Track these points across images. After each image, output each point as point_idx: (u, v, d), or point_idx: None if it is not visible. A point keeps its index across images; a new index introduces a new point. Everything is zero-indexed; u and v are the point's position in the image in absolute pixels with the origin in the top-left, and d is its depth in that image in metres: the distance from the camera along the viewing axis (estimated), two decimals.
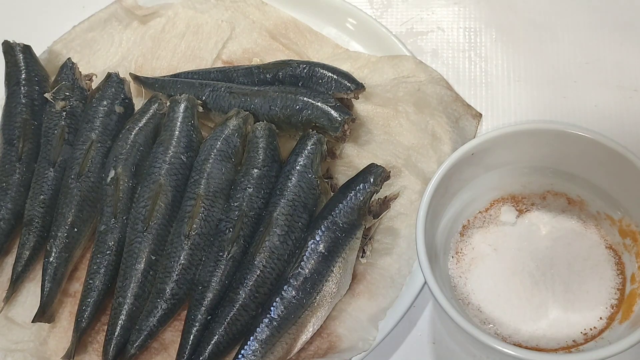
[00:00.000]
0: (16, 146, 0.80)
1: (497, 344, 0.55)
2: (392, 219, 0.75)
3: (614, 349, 0.53)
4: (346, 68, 0.83)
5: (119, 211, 0.75)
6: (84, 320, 0.71)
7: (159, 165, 0.76)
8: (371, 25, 0.88)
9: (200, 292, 0.70)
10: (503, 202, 0.70)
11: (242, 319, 0.68)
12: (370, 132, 0.81)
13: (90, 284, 0.73)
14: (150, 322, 0.70)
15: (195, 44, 0.91)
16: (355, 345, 0.68)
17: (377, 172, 0.72)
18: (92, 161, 0.78)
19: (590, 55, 0.86)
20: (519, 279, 0.65)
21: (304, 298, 0.67)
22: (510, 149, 0.66)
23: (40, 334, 0.73)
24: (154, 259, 0.72)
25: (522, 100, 0.84)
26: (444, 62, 0.88)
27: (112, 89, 0.83)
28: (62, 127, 0.81)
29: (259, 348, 0.66)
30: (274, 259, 0.69)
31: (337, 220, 0.69)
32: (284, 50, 0.89)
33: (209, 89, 0.82)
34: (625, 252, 0.65)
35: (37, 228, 0.76)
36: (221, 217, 0.73)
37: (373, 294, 0.71)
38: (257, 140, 0.76)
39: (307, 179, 0.73)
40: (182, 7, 0.93)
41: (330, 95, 0.78)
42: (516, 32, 0.89)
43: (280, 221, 0.71)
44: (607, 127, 0.80)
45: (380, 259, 0.73)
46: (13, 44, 0.87)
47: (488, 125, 0.83)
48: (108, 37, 0.92)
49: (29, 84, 0.84)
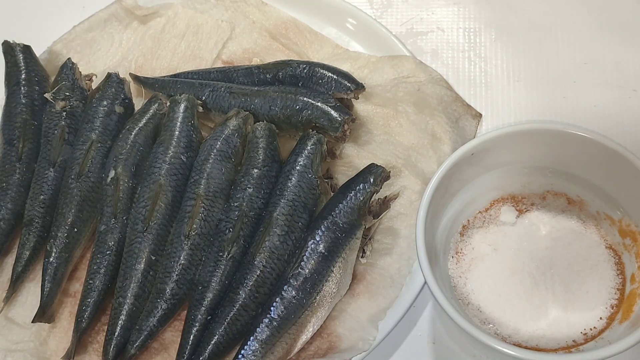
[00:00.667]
0: (16, 146, 0.80)
1: (497, 344, 0.55)
2: (392, 219, 0.75)
3: (614, 349, 0.54)
4: (346, 68, 0.83)
5: (119, 211, 0.75)
6: (84, 321, 0.71)
7: (159, 166, 0.76)
8: (371, 26, 0.88)
9: (200, 292, 0.70)
10: (503, 202, 0.70)
11: (242, 319, 0.68)
12: (370, 132, 0.81)
13: (90, 284, 0.73)
14: (151, 322, 0.70)
15: (195, 44, 0.91)
16: (355, 345, 0.68)
17: (377, 172, 0.72)
18: (92, 161, 0.78)
19: (590, 55, 0.86)
20: (519, 279, 0.65)
21: (304, 298, 0.67)
22: (510, 149, 0.66)
23: (40, 334, 0.73)
24: (154, 259, 0.72)
25: (522, 100, 0.84)
26: (443, 62, 0.88)
27: (112, 89, 0.83)
28: (62, 127, 0.81)
29: (259, 348, 0.66)
30: (274, 259, 0.69)
31: (337, 220, 0.69)
32: (284, 51, 0.89)
33: (209, 89, 0.82)
34: (625, 252, 0.65)
35: (37, 228, 0.76)
36: (221, 217, 0.73)
37: (373, 294, 0.71)
38: (257, 140, 0.76)
39: (307, 179, 0.73)
40: (182, 7, 0.93)
41: (330, 96, 0.78)
42: (516, 32, 0.89)
43: (280, 221, 0.71)
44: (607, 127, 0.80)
45: (380, 259, 0.73)
46: (13, 44, 0.87)
47: (488, 125, 0.83)
48: (108, 37, 0.92)
49: (29, 84, 0.84)
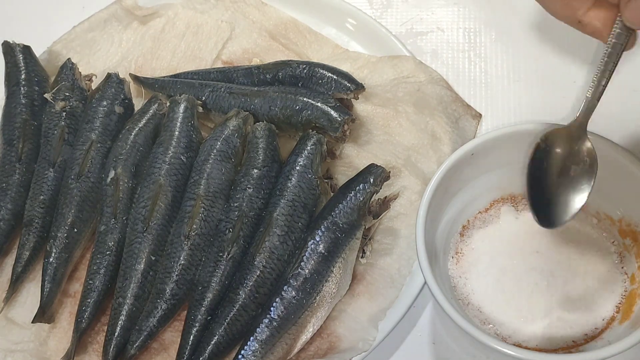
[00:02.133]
0: (16, 147, 0.80)
1: (497, 344, 0.55)
2: (392, 219, 0.75)
3: (614, 349, 0.53)
4: (346, 68, 0.82)
5: (119, 211, 0.75)
6: (84, 321, 0.71)
7: (159, 166, 0.76)
8: (371, 26, 0.87)
9: (200, 292, 0.70)
10: (503, 202, 0.70)
11: (242, 319, 0.68)
12: (370, 132, 0.81)
13: (90, 285, 0.73)
14: (150, 322, 0.70)
15: (195, 44, 0.91)
16: (355, 346, 0.68)
17: (376, 172, 0.72)
18: (92, 161, 0.78)
19: (590, 55, 0.86)
20: (519, 279, 0.65)
21: (304, 298, 0.67)
22: (510, 149, 0.66)
23: (40, 335, 0.73)
24: (154, 260, 0.72)
25: (522, 100, 0.84)
26: (443, 63, 0.88)
27: (112, 90, 0.83)
28: (62, 127, 0.81)
29: (259, 348, 0.66)
30: (273, 260, 0.69)
31: (337, 220, 0.69)
32: (284, 51, 0.89)
33: (208, 90, 0.82)
34: (625, 252, 0.65)
35: (36, 228, 0.76)
36: (221, 218, 0.73)
37: (373, 294, 0.71)
38: (257, 140, 0.76)
39: (307, 180, 0.73)
40: (182, 7, 0.93)
41: (330, 96, 0.78)
42: (516, 32, 0.89)
43: (280, 221, 0.71)
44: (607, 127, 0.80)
45: (380, 259, 0.73)
46: (13, 45, 0.87)
47: (488, 125, 0.83)
48: (108, 38, 0.92)
49: (29, 84, 0.84)
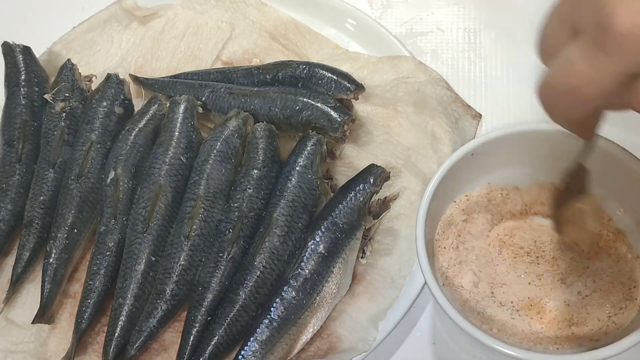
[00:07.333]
0: (16, 147, 0.80)
1: (498, 345, 0.55)
2: (392, 219, 0.75)
3: (614, 349, 0.53)
4: (346, 69, 0.82)
5: (119, 212, 0.75)
6: (84, 322, 0.71)
7: (159, 166, 0.76)
8: (371, 26, 0.87)
9: (200, 292, 0.70)
10: None
11: (242, 319, 0.68)
12: (370, 132, 0.81)
13: (90, 285, 0.73)
14: (150, 323, 0.70)
15: (195, 45, 0.91)
16: (355, 346, 0.68)
17: (376, 172, 0.72)
18: (91, 162, 0.78)
19: None
20: (520, 279, 0.65)
21: (304, 299, 0.67)
22: (510, 150, 0.66)
23: (40, 335, 0.73)
24: (154, 260, 0.72)
25: (522, 100, 0.84)
26: (443, 63, 0.88)
27: (111, 90, 0.83)
28: (62, 128, 0.81)
29: (259, 349, 0.66)
30: (273, 260, 0.69)
31: (337, 220, 0.69)
32: (284, 51, 0.89)
33: (208, 90, 0.82)
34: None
35: (36, 229, 0.76)
36: (221, 218, 0.73)
37: (373, 295, 0.71)
38: (257, 141, 0.76)
39: (307, 180, 0.73)
40: (181, 7, 0.93)
41: (330, 96, 0.78)
42: (516, 33, 0.89)
43: (280, 222, 0.71)
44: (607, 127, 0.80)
45: (380, 260, 0.73)
46: (13, 45, 0.87)
47: (488, 126, 0.83)
48: (108, 38, 0.92)
49: (29, 85, 0.84)
